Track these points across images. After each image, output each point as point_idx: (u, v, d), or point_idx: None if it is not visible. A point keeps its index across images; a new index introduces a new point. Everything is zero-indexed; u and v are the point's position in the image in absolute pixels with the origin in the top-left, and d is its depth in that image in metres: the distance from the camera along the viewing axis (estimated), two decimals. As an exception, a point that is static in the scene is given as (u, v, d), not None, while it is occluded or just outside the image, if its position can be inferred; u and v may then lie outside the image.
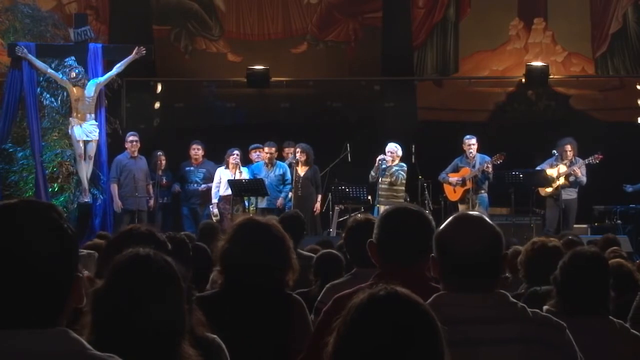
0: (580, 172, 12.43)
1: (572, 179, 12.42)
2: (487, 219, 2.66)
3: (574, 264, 3.53)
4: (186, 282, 2.41)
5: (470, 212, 2.72)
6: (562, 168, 12.43)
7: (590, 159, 12.38)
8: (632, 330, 3.45)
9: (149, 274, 2.29)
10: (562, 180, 12.41)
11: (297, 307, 3.38)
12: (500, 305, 2.51)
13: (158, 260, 2.33)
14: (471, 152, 12.47)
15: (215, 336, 2.67)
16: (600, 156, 12.35)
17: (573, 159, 12.47)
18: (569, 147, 12.52)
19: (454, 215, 2.65)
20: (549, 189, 12.53)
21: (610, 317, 3.45)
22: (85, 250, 5.59)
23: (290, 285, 3.44)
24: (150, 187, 12.65)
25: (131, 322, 2.21)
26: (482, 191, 12.49)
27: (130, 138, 12.63)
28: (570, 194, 12.46)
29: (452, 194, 12.63)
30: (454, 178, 12.58)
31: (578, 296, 3.42)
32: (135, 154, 12.62)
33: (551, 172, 12.53)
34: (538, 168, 12.73)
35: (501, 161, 12.30)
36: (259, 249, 3.29)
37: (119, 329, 2.20)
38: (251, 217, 3.51)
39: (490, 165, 12.28)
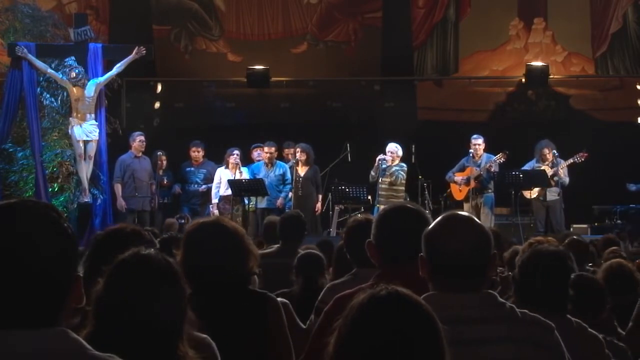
0: (563, 173, 12.42)
1: (555, 178, 12.40)
2: (477, 219, 2.65)
3: (533, 262, 3.50)
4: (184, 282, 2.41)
5: (460, 212, 2.71)
6: (547, 170, 12.42)
7: (575, 157, 12.36)
8: (589, 330, 3.44)
9: (150, 273, 2.30)
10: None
11: (271, 306, 3.34)
12: (489, 305, 2.51)
13: (159, 259, 2.33)
14: (472, 152, 12.48)
15: (205, 336, 2.66)
16: (585, 154, 12.32)
17: (554, 160, 12.45)
18: (546, 151, 12.53)
19: (443, 215, 2.64)
20: (535, 191, 12.53)
21: (568, 316, 3.42)
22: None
23: (254, 271, 3.41)
24: (154, 187, 12.66)
25: (131, 321, 2.21)
26: (489, 190, 12.50)
27: (139, 138, 12.65)
28: (554, 195, 12.45)
29: (458, 193, 12.67)
30: (459, 177, 12.61)
31: (535, 295, 3.38)
32: (141, 153, 12.64)
33: None
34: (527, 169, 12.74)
35: (504, 159, 12.30)
36: (214, 248, 3.26)
37: (119, 328, 2.20)
38: (198, 220, 3.48)
39: (493, 165, 12.29)
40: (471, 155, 12.55)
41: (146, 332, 2.21)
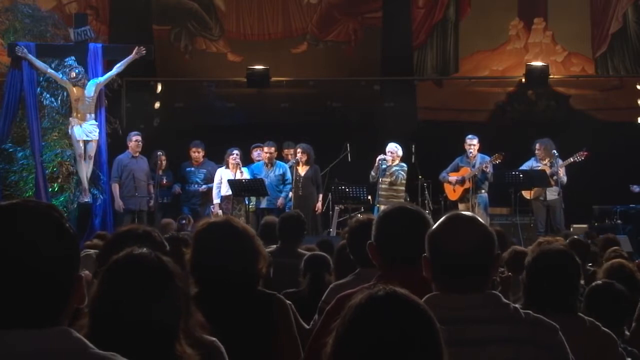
0: (561, 172, 12.42)
1: (555, 178, 12.40)
2: (480, 219, 2.65)
3: (540, 263, 3.50)
4: (185, 282, 2.41)
5: (463, 212, 2.71)
6: (545, 169, 12.41)
7: (575, 156, 12.35)
8: (602, 328, 3.42)
9: (142, 272, 2.30)
10: None
11: (280, 307, 3.35)
12: (492, 305, 2.51)
13: (151, 259, 2.34)
14: (471, 152, 12.46)
15: (214, 339, 2.65)
16: (586, 153, 12.31)
17: (553, 160, 12.45)
18: (537, 145, 12.53)
19: (446, 215, 2.64)
20: (535, 191, 12.52)
21: (581, 314, 3.42)
22: (91, 250, 5.59)
23: (264, 274, 3.43)
24: (151, 187, 12.66)
25: (125, 321, 2.22)
26: (482, 191, 12.48)
27: (136, 137, 12.66)
28: (554, 195, 12.45)
29: (452, 193, 12.63)
30: (453, 177, 12.59)
31: (544, 295, 3.39)
32: (137, 153, 12.64)
33: None
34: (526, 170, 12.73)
35: (500, 161, 12.29)
36: (223, 248, 3.27)
37: (114, 327, 2.20)
38: (208, 220, 3.49)
39: (489, 165, 12.27)
40: (470, 155, 12.51)
41: (141, 332, 2.22)
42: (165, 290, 2.30)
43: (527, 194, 12.55)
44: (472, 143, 12.51)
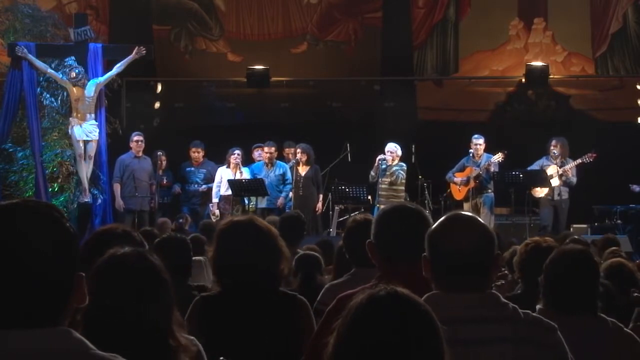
0: (571, 173, 12.41)
1: (564, 178, 12.40)
2: (480, 219, 2.65)
3: (560, 263, 3.45)
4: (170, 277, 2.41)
5: (463, 212, 2.72)
6: (554, 169, 12.41)
7: (584, 157, 12.35)
8: (625, 329, 3.40)
9: (130, 272, 2.31)
10: (556, 181, 12.40)
11: (302, 309, 3.37)
12: (491, 305, 2.51)
13: (135, 258, 2.34)
14: (472, 152, 12.48)
15: (192, 337, 2.66)
16: (594, 155, 12.31)
17: (564, 160, 12.45)
18: (553, 142, 12.51)
19: (446, 215, 2.64)
20: (545, 190, 12.51)
21: (602, 315, 3.38)
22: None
23: (285, 275, 3.42)
24: (154, 187, 12.67)
25: (117, 320, 2.22)
26: (488, 190, 12.48)
27: (136, 138, 12.68)
28: (563, 195, 12.44)
29: (458, 193, 12.66)
30: (458, 178, 12.60)
31: (565, 295, 3.35)
32: (140, 153, 12.65)
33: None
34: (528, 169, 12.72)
35: (502, 159, 12.29)
36: (247, 248, 3.28)
37: (106, 328, 2.20)
38: (231, 219, 3.49)
39: (492, 164, 12.28)
40: (471, 155, 12.54)
41: (134, 330, 2.22)
42: (154, 287, 2.32)
43: (536, 193, 12.53)
44: (478, 142, 12.54)
